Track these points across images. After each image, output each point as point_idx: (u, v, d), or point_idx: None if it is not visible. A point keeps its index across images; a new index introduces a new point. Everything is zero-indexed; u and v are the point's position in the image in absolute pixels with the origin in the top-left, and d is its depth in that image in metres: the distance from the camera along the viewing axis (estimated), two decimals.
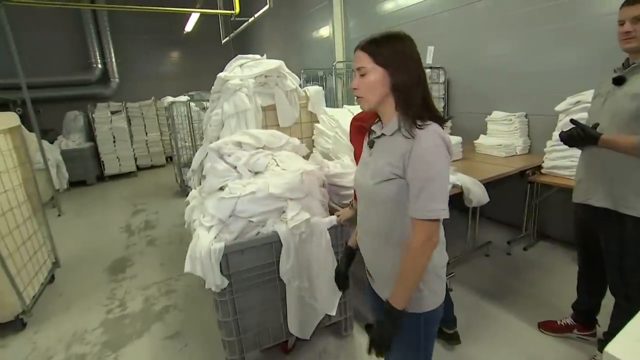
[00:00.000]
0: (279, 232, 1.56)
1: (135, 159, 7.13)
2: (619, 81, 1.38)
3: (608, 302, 1.72)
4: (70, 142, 6.37)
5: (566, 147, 2.49)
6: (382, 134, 1.00)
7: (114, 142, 6.68)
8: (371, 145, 1.06)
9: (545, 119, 2.89)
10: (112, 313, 2.38)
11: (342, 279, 1.37)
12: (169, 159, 7.59)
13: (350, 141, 1.68)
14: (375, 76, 0.94)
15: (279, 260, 1.60)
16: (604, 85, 1.49)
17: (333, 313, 1.76)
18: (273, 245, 1.59)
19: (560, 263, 2.67)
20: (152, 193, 5.55)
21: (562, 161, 2.56)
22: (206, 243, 1.45)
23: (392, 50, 0.94)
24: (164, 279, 2.78)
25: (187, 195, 2.47)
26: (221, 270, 1.48)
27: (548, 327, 1.92)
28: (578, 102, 2.49)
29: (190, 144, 4.98)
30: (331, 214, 1.75)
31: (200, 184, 2.42)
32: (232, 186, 1.58)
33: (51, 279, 2.80)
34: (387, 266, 1.04)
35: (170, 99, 5.41)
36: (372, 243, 1.08)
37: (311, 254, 1.64)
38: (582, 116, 2.44)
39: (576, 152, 2.49)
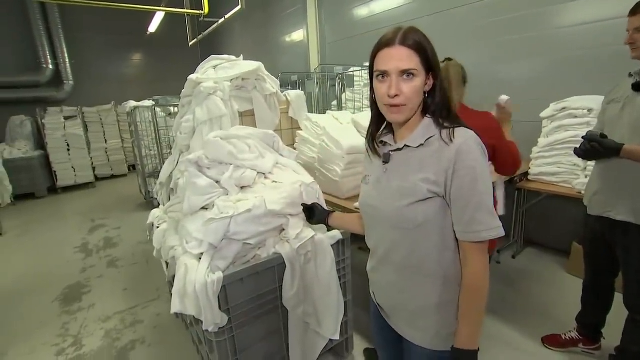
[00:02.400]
0: (282, 253, 1.36)
1: (94, 169, 6.56)
2: (639, 87, 1.32)
3: (614, 314, 1.66)
4: (15, 150, 5.72)
5: (553, 153, 2.56)
6: (406, 146, 0.85)
7: (68, 150, 6.08)
8: (386, 159, 0.89)
9: (529, 125, 2.88)
10: (63, 354, 2.01)
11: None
12: (132, 167, 7.06)
13: None
14: (422, 79, 0.80)
15: (281, 286, 1.40)
16: (619, 90, 1.42)
17: (337, 337, 1.59)
18: (276, 268, 1.39)
19: (550, 270, 2.64)
20: (113, 206, 5.06)
21: (549, 167, 2.54)
22: (201, 276, 1.21)
23: (432, 47, 0.81)
24: (129, 308, 2.43)
25: (154, 207, 2.18)
26: (219, 306, 1.24)
27: (553, 341, 1.83)
28: (564, 109, 2.48)
29: (156, 152, 4.59)
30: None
31: (169, 199, 2.15)
32: (221, 204, 1.34)
33: None
34: (416, 303, 0.88)
35: (133, 103, 4.99)
36: (396, 276, 0.90)
37: (316, 275, 1.46)
38: (569, 122, 2.46)
39: (563, 158, 2.54)
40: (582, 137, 1.35)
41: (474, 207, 0.76)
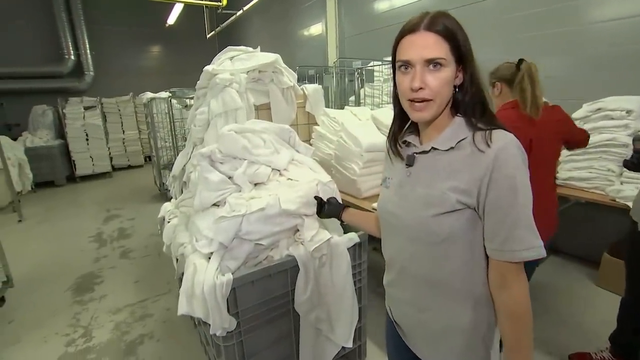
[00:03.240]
0: (296, 256, 1.29)
1: (111, 159, 6.65)
2: None
3: None
4: (36, 139, 5.84)
5: (585, 157, 2.40)
6: (433, 148, 0.74)
7: (87, 139, 6.19)
8: (410, 162, 0.79)
9: None
10: (73, 345, 2.00)
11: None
12: (148, 158, 7.13)
13: None
14: (452, 71, 0.69)
15: (293, 289, 1.32)
16: None
17: (350, 345, 1.52)
18: (289, 271, 1.31)
19: (576, 281, 2.49)
20: (128, 196, 5.11)
21: (579, 172, 2.38)
22: (209, 277, 1.15)
23: (464, 34, 0.70)
24: (139, 301, 2.42)
25: (168, 199, 2.15)
26: (228, 309, 1.18)
27: None
28: (599, 110, 2.32)
29: (171, 144, 4.60)
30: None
31: (182, 193, 2.11)
32: (233, 202, 1.28)
33: (0, 301, 2.39)
34: (440, 323, 0.79)
35: (149, 94, 5.02)
36: (417, 292, 0.81)
37: (331, 279, 1.39)
38: (604, 124, 2.29)
39: (596, 163, 2.37)
40: (634, 150, 1.21)
41: (511, 222, 0.66)
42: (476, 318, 0.75)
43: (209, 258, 1.25)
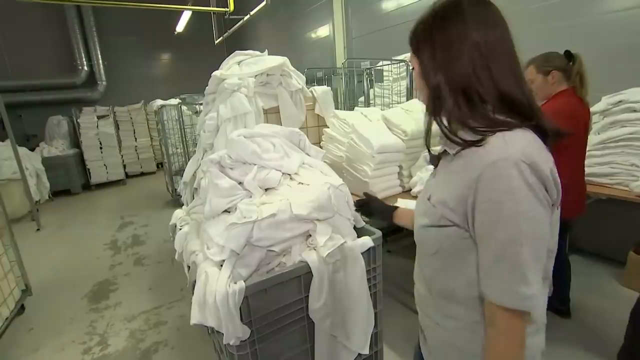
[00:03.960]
0: (309, 262, 1.26)
1: (124, 166, 6.76)
2: None
3: None
4: (53, 149, 5.98)
5: (606, 152, 2.30)
6: (445, 151, 0.69)
7: (101, 148, 6.30)
8: (434, 163, 0.75)
9: None
10: (89, 353, 2.02)
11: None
12: (160, 165, 7.22)
13: None
14: (416, 64, 0.68)
15: (307, 296, 1.29)
16: None
17: (366, 351, 1.47)
18: (302, 278, 1.28)
19: (602, 282, 2.38)
20: (142, 203, 5.18)
21: (600, 168, 2.29)
22: (221, 285, 1.13)
23: (426, 25, 0.65)
24: (153, 307, 2.43)
25: (180, 206, 2.15)
26: (241, 317, 1.16)
27: None
28: (620, 102, 2.23)
29: (182, 151, 4.64)
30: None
31: (193, 199, 2.11)
32: (244, 208, 1.26)
33: (20, 309, 2.43)
34: (438, 336, 0.75)
35: (159, 102, 5.07)
36: (425, 301, 0.78)
37: (345, 285, 1.35)
38: (626, 117, 2.20)
39: (618, 157, 2.28)
40: None
41: (494, 256, 0.56)
42: (473, 339, 0.66)
43: (221, 266, 1.23)
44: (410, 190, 2.01)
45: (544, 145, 0.58)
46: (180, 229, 1.74)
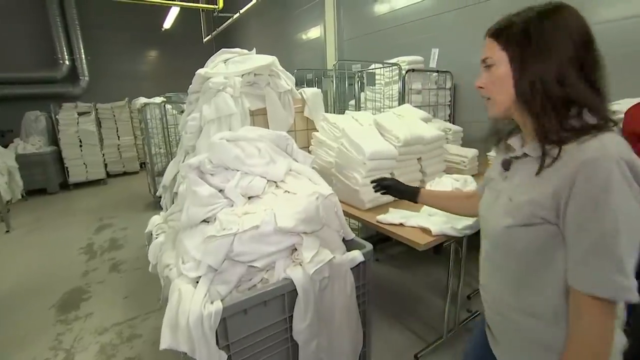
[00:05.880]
0: (294, 279, 1.14)
1: (105, 165, 6.51)
2: None
3: None
4: (29, 146, 5.71)
5: None
6: (525, 154, 0.71)
7: (81, 146, 6.05)
8: (506, 166, 0.77)
9: None
10: None
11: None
12: (143, 164, 6.99)
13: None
14: (505, 68, 0.69)
15: (291, 316, 1.18)
16: None
17: None
18: (286, 296, 1.17)
19: None
20: (122, 204, 4.97)
21: None
22: (196, 306, 1.01)
23: (524, 25, 0.67)
24: (127, 319, 2.27)
25: (162, 208, 2.02)
26: (217, 341, 1.04)
27: None
28: (614, 113, 2.19)
29: (165, 151, 4.47)
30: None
31: (172, 203, 1.97)
32: (224, 219, 1.14)
33: None
34: (518, 337, 0.75)
35: (143, 100, 4.90)
36: (500, 301, 0.78)
37: (333, 304, 1.25)
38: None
39: None
40: None
41: (588, 246, 0.58)
42: (561, 335, 0.67)
43: (197, 282, 1.11)
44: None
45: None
46: (157, 238, 1.60)
